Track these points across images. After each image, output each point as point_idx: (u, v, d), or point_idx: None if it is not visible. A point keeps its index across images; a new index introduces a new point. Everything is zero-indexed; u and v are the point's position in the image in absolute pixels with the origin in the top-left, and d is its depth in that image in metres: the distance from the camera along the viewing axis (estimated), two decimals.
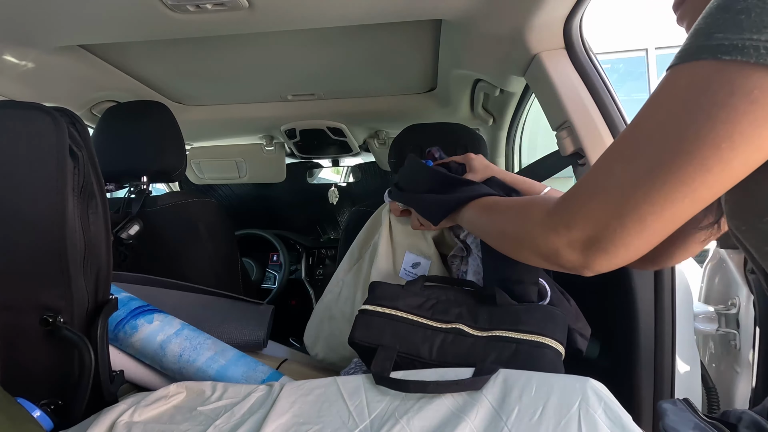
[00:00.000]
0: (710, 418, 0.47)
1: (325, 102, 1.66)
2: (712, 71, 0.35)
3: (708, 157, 0.36)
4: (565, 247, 0.47)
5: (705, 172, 0.37)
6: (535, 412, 0.49)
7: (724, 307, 0.99)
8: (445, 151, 1.00)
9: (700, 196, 0.38)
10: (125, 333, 0.78)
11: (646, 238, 0.42)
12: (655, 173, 0.39)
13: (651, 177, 0.39)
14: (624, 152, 0.42)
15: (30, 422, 0.56)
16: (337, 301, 0.96)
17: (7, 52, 1.06)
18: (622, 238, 0.42)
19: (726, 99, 0.35)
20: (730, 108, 0.34)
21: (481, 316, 0.66)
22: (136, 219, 1.12)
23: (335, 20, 0.98)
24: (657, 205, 0.39)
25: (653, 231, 0.41)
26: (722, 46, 0.34)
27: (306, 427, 0.53)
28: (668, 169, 0.38)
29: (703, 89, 0.36)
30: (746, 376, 0.94)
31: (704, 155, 0.36)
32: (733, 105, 0.34)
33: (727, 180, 0.37)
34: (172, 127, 1.17)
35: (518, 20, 0.92)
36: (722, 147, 0.35)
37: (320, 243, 2.34)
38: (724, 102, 0.35)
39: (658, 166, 0.39)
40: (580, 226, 0.45)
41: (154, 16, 0.91)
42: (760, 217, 0.41)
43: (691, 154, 0.36)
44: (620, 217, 0.42)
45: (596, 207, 0.44)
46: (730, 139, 0.35)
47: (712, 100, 0.35)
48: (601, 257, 0.45)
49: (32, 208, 0.65)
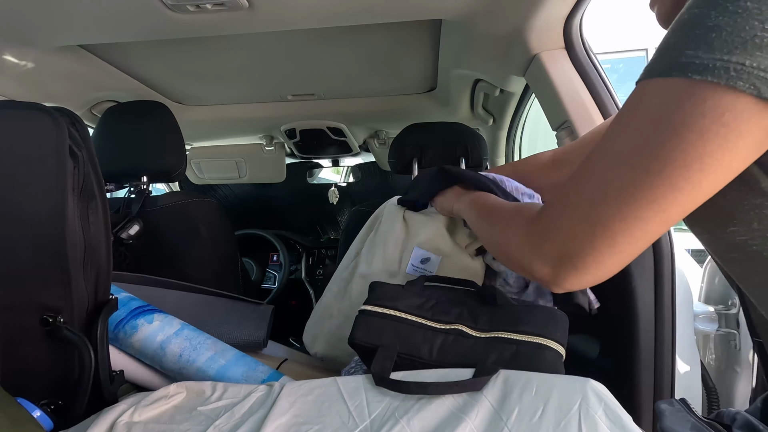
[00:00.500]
0: (706, 418, 0.47)
1: (325, 102, 1.66)
2: (683, 90, 0.35)
3: (678, 177, 0.36)
4: (537, 259, 0.47)
5: (675, 191, 0.37)
6: (536, 412, 0.49)
7: (724, 307, 0.99)
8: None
9: (670, 215, 0.38)
10: (125, 333, 0.78)
11: (617, 256, 0.42)
12: (626, 191, 0.39)
13: (622, 195, 0.39)
14: (596, 170, 0.42)
15: (30, 422, 0.56)
16: (336, 298, 0.96)
17: (7, 52, 1.06)
18: (593, 255, 0.42)
19: (697, 120, 0.34)
20: (701, 129, 0.34)
21: (482, 317, 0.66)
22: (136, 219, 1.12)
23: (335, 20, 0.98)
24: (627, 222, 0.39)
25: (624, 249, 0.41)
26: (693, 64, 0.34)
27: (306, 427, 0.53)
28: (639, 188, 0.38)
29: (674, 108, 0.36)
30: (746, 376, 0.94)
31: (674, 175, 0.36)
32: (705, 126, 0.34)
33: (696, 199, 0.37)
34: (172, 127, 1.17)
35: (518, 20, 0.92)
36: (692, 168, 0.35)
37: (320, 243, 2.34)
38: (694, 123, 0.34)
39: (629, 185, 0.39)
40: (552, 240, 0.45)
41: (154, 16, 0.91)
42: (723, 228, 0.42)
43: (662, 173, 0.37)
44: (591, 234, 0.42)
45: (568, 223, 0.44)
46: (700, 160, 0.35)
47: (683, 121, 0.35)
48: (571, 274, 0.45)
49: (32, 208, 0.65)
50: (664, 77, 0.37)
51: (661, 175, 0.37)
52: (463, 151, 1.23)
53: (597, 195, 0.41)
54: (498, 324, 0.64)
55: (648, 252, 0.83)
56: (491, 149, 1.77)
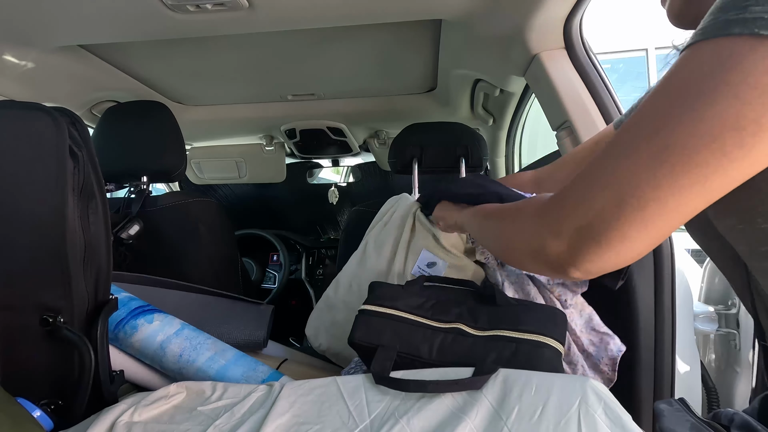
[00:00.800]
0: (705, 418, 0.46)
1: (325, 102, 1.66)
2: (744, 46, 0.31)
3: (728, 139, 0.32)
4: (551, 235, 0.41)
5: (722, 156, 0.33)
6: (535, 411, 0.49)
7: (724, 307, 0.99)
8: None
9: (711, 186, 0.34)
10: (125, 333, 0.78)
11: (646, 232, 0.37)
12: (663, 156, 0.34)
13: (659, 159, 0.35)
14: (624, 138, 0.38)
15: (30, 422, 0.56)
16: (341, 290, 0.96)
17: (7, 52, 1.06)
18: (618, 228, 0.37)
19: (760, 78, 0.31)
20: (763, 88, 0.31)
21: (481, 316, 0.66)
22: (136, 219, 1.12)
23: (335, 20, 0.99)
24: (662, 190, 0.35)
25: (654, 223, 0.36)
26: (761, 20, 0.31)
27: (306, 427, 0.53)
28: (679, 151, 0.34)
29: (730, 66, 0.32)
30: (746, 376, 0.94)
31: (724, 137, 0.32)
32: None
33: (743, 170, 0.33)
34: (172, 127, 1.17)
35: (518, 20, 0.92)
36: (747, 131, 0.32)
37: (320, 243, 2.34)
38: (757, 82, 0.31)
39: (666, 148, 0.34)
40: (570, 212, 0.40)
41: (154, 16, 0.91)
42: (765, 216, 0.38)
43: (710, 135, 0.33)
44: (619, 202, 0.36)
45: (592, 192, 0.39)
46: (757, 123, 0.31)
47: (743, 78, 0.31)
48: (592, 250, 0.39)
49: (32, 208, 0.65)
50: (719, 37, 0.33)
51: (707, 138, 0.33)
52: (463, 151, 1.23)
53: (627, 163, 0.36)
54: (497, 323, 0.64)
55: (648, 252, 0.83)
56: (491, 149, 1.77)
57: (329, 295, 0.97)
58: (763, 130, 0.31)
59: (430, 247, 0.87)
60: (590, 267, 0.40)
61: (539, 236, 0.43)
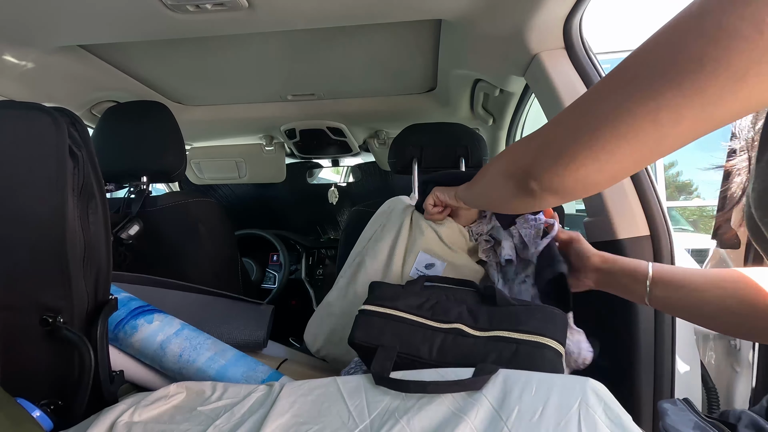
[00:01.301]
0: (710, 418, 0.46)
1: (325, 102, 1.66)
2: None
3: (683, 71, 0.32)
4: (521, 157, 0.49)
5: (674, 88, 0.32)
6: (535, 412, 0.49)
7: None
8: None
9: (661, 119, 0.34)
10: (125, 333, 0.78)
11: (598, 160, 0.39)
12: (621, 88, 0.36)
13: (616, 91, 0.37)
14: (607, 81, 0.39)
15: (30, 422, 0.56)
16: (339, 296, 0.96)
17: (7, 52, 1.06)
18: (573, 147, 0.41)
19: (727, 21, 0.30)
20: (730, 31, 0.30)
21: (482, 317, 0.66)
22: (136, 219, 1.12)
23: (335, 20, 0.99)
24: (615, 114, 0.36)
25: (605, 147, 0.38)
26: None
27: (306, 427, 0.53)
28: (635, 82, 0.35)
29: (700, 12, 0.32)
30: (746, 376, 0.94)
31: (678, 70, 0.32)
32: (736, 29, 0.30)
33: (701, 109, 0.32)
34: (172, 127, 1.17)
35: (518, 20, 0.92)
36: (705, 67, 0.31)
37: (320, 243, 2.34)
38: (729, 25, 0.30)
39: (625, 82, 0.36)
40: (537, 136, 0.47)
41: (154, 16, 0.91)
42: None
43: (670, 68, 0.32)
44: (576, 128, 0.40)
45: (556, 121, 0.44)
46: (716, 61, 0.31)
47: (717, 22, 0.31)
48: (549, 164, 0.43)
49: (32, 209, 0.65)
50: None
51: (664, 69, 0.33)
52: (462, 152, 1.23)
53: (590, 96, 0.40)
54: (498, 323, 0.64)
55: (648, 252, 0.83)
56: (491, 149, 1.77)
57: (328, 302, 0.97)
58: (722, 68, 0.31)
59: (427, 249, 0.87)
60: (549, 184, 0.45)
61: (512, 161, 0.52)
